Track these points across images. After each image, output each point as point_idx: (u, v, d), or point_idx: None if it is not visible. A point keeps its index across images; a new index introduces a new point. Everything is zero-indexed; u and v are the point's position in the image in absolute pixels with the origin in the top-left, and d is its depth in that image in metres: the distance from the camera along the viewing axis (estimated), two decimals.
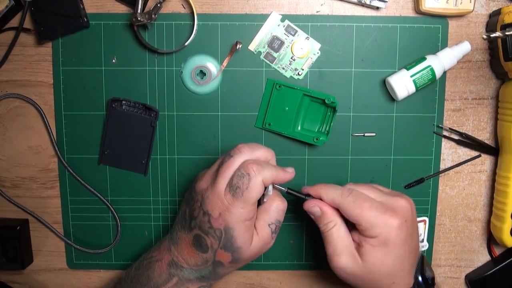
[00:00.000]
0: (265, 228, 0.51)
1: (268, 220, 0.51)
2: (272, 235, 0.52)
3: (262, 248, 0.51)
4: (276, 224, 0.52)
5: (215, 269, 0.51)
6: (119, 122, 0.63)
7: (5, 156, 0.66)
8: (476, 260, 0.68)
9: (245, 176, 0.47)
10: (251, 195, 0.47)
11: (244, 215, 0.48)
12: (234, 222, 0.48)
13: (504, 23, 0.57)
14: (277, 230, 0.52)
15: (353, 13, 0.62)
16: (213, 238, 0.49)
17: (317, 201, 0.51)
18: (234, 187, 0.48)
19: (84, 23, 0.61)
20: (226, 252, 0.49)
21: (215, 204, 0.48)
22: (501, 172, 0.62)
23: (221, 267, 0.51)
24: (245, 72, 0.63)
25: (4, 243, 0.65)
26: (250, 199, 0.47)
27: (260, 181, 0.48)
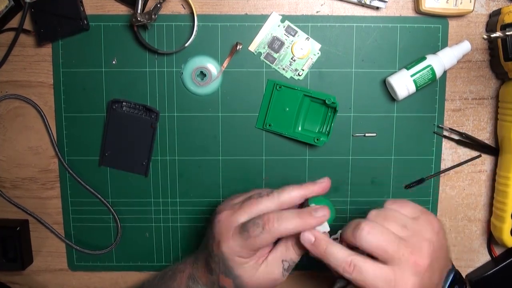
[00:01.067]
0: (278, 262, 0.49)
1: (284, 256, 0.49)
2: (284, 273, 0.49)
3: (269, 280, 0.49)
4: (290, 264, 0.49)
5: None
6: (119, 123, 0.63)
7: (5, 157, 0.66)
8: (476, 260, 0.68)
9: (259, 227, 0.46)
10: (254, 244, 0.46)
11: (239, 253, 0.47)
12: (227, 254, 0.47)
13: (504, 23, 0.57)
14: (289, 269, 0.49)
15: (353, 13, 0.62)
16: (214, 263, 0.49)
17: None
18: (244, 228, 0.47)
19: (84, 26, 0.60)
20: (227, 278, 0.49)
21: (222, 231, 0.48)
22: (501, 172, 0.62)
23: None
24: (245, 73, 0.63)
25: (4, 243, 0.65)
26: (251, 246, 0.47)
27: (274, 237, 0.46)
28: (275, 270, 0.49)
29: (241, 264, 0.48)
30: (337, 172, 0.65)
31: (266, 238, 0.46)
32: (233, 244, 0.47)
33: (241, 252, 0.47)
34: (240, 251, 0.47)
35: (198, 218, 0.66)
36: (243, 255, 0.47)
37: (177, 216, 0.66)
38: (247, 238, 0.46)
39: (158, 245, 0.67)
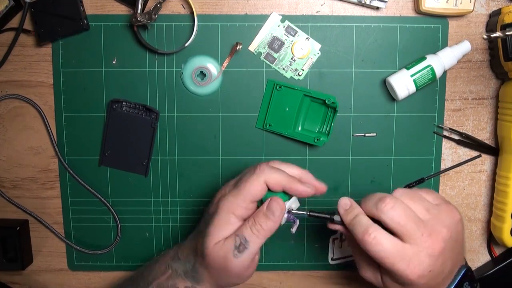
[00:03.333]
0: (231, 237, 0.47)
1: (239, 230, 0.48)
2: (234, 252, 0.47)
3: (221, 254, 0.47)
4: (241, 240, 0.47)
5: (195, 262, 0.51)
6: (119, 123, 0.63)
7: (5, 157, 0.66)
8: (476, 260, 0.68)
9: (250, 171, 0.48)
10: (246, 188, 0.47)
11: (233, 206, 0.48)
12: (221, 208, 0.48)
13: (504, 23, 0.57)
14: (240, 249, 0.47)
15: (353, 13, 0.62)
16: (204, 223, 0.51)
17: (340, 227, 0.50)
18: (238, 181, 0.49)
19: (84, 26, 0.60)
20: (201, 237, 0.49)
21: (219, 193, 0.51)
22: (501, 172, 0.62)
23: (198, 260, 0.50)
24: (245, 73, 0.63)
25: (4, 243, 0.65)
26: (243, 191, 0.47)
27: (261, 180, 0.47)
28: (228, 247, 0.47)
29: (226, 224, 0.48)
30: (337, 172, 0.65)
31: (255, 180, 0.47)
32: (228, 196, 0.48)
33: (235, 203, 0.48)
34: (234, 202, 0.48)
35: (198, 218, 0.66)
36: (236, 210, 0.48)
37: (177, 216, 0.66)
38: (239, 184, 0.48)
39: (158, 245, 0.67)
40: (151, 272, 0.54)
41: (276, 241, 0.67)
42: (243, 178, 0.49)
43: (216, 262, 0.48)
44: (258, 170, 0.48)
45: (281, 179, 0.48)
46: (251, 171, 0.49)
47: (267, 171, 0.48)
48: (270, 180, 0.48)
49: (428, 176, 0.65)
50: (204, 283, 0.51)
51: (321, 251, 0.67)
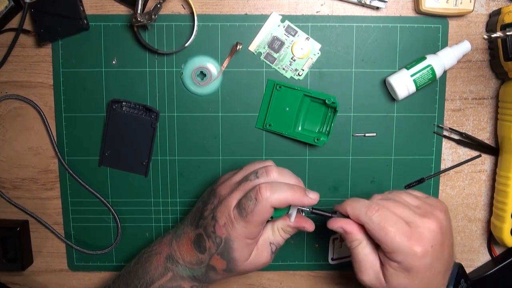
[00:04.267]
0: (266, 245, 0.51)
1: (271, 239, 0.52)
2: (271, 255, 0.52)
3: (258, 264, 0.51)
4: (276, 247, 0.52)
5: (208, 273, 0.51)
6: (119, 123, 0.63)
7: (5, 157, 0.66)
8: (476, 260, 0.68)
9: (252, 199, 0.47)
10: (254, 219, 0.47)
11: (246, 234, 0.48)
12: (234, 236, 0.48)
13: (504, 23, 0.57)
14: (276, 251, 0.52)
15: (353, 13, 0.62)
16: (212, 243, 0.49)
17: (340, 221, 0.50)
18: (240, 207, 0.47)
19: (84, 25, 0.61)
20: (222, 259, 0.49)
21: (223, 214, 0.49)
22: (501, 172, 0.63)
23: (213, 272, 0.51)
24: (245, 73, 0.63)
25: (4, 244, 0.65)
26: (252, 222, 0.47)
27: (268, 206, 0.47)
28: (264, 253, 0.51)
29: (245, 246, 0.49)
30: (337, 172, 0.65)
31: (262, 208, 0.47)
32: (238, 226, 0.48)
33: (246, 232, 0.48)
34: (247, 231, 0.48)
35: None
36: (249, 235, 0.48)
37: (177, 216, 0.66)
38: (246, 215, 0.47)
39: None
40: (147, 273, 0.53)
41: None
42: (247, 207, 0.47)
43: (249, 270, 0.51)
44: (260, 198, 0.46)
45: (285, 197, 0.47)
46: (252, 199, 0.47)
47: (270, 196, 0.47)
48: (275, 203, 0.47)
49: (428, 176, 0.65)
50: (215, 282, 0.53)
51: (321, 251, 0.67)
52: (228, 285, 0.68)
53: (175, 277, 0.52)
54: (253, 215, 0.47)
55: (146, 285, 0.53)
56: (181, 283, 0.52)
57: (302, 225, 0.51)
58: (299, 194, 0.48)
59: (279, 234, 0.52)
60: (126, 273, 0.56)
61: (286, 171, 0.50)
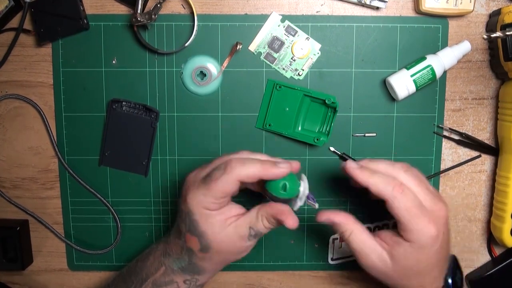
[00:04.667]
0: (245, 227, 0.50)
1: (253, 223, 0.50)
2: (249, 238, 0.50)
3: (234, 242, 0.50)
4: (256, 233, 0.50)
5: (191, 259, 0.51)
6: (119, 123, 0.63)
7: (5, 157, 0.66)
8: (476, 260, 0.68)
9: (221, 169, 0.47)
10: (217, 187, 0.47)
11: (204, 203, 0.48)
12: (193, 206, 0.48)
13: (504, 23, 0.57)
14: (256, 237, 0.51)
15: (353, 13, 0.62)
16: (182, 222, 0.50)
17: (327, 213, 0.50)
18: (207, 176, 0.48)
19: (84, 25, 0.61)
20: (192, 235, 0.49)
21: (186, 188, 0.50)
22: (501, 172, 0.62)
23: (194, 257, 0.51)
24: (245, 73, 0.63)
25: (4, 243, 0.65)
26: (213, 190, 0.47)
27: (234, 178, 0.47)
28: (241, 234, 0.49)
29: (207, 217, 0.48)
30: (337, 173, 0.65)
31: (227, 179, 0.47)
32: (197, 193, 0.48)
33: (206, 201, 0.48)
34: (205, 200, 0.48)
35: None
36: (208, 205, 0.48)
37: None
38: (209, 182, 0.47)
39: None
40: (143, 269, 0.54)
41: (276, 241, 0.67)
42: (213, 175, 0.48)
43: (228, 245, 0.50)
44: (229, 169, 0.47)
45: (254, 171, 0.47)
46: (221, 169, 0.48)
47: (238, 168, 0.47)
48: (243, 176, 0.47)
49: (428, 176, 0.65)
50: (204, 272, 0.52)
51: (321, 251, 0.67)
52: (228, 285, 0.68)
53: (167, 271, 0.52)
54: (217, 183, 0.47)
55: (142, 281, 0.53)
56: (173, 277, 0.52)
57: (283, 217, 0.48)
58: (268, 166, 0.47)
59: (261, 222, 0.50)
60: (126, 270, 0.56)
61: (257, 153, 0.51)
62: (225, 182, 0.47)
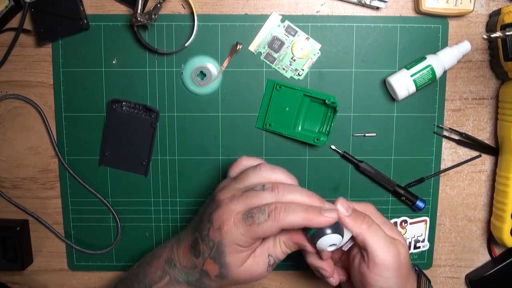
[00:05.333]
0: (264, 256, 0.49)
1: (271, 250, 0.50)
2: (268, 268, 0.50)
3: (253, 274, 0.49)
4: (275, 260, 0.50)
5: (202, 278, 0.50)
6: (119, 123, 0.63)
7: (5, 157, 0.66)
8: (476, 260, 0.68)
9: (264, 214, 0.45)
10: (258, 232, 0.46)
11: (240, 242, 0.47)
12: (227, 240, 0.47)
13: (504, 23, 0.57)
14: (274, 265, 0.50)
15: (353, 13, 0.62)
16: (206, 247, 0.48)
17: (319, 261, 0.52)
18: (249, 215, 0.46)
19: (84, 25, 0.61)
20: (215, 263, 0.48)
21: (221, 217, 0.47)
22: (501, 172, 0.62)
23: (207, 278, 0.50)
24: (245, 73, 0.63)
25: (4, 243, 0.65)
26: (253, 234, 0.46)
27: (277, 227, 0.45)
28: (261, 264, 0.49)
29: (236, 252, 0.48)
30: (337, 172, 0.65)
31: (270, 226, 0.45)
32: (235, 230, 0.46)
33: (241, 239, 0.47)
34: (240, 239, 0.46)
35: None
36: (242, 244, 0.47)
37: (177, 216, 0.66)
38: (251, 224, 0.46)
39: (158, 244, 0.67)
40: (146, 276, 0.53)
41: None
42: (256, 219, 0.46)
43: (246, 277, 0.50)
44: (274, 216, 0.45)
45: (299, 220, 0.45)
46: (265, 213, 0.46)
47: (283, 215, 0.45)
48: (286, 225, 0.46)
49: (428, 176, 0.65)
50: None
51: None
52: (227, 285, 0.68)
53: (171, 282, 0.52)
54: (259, 228, 0.45)
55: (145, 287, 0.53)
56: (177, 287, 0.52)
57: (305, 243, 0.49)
58: (312, 215, 0.46)
59: (279, 247, 0.50)
60: (128, 276, 0.56)
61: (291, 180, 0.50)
62: (267, 228, 0.45)
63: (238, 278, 0.49)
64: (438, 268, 0.68)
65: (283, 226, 0.45)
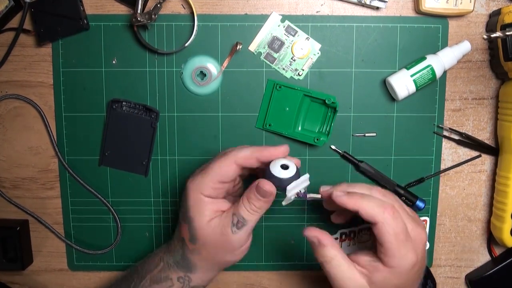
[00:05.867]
0: (228, 216, 0.49)
1: (235, 210, 0.49)
2: (233, 228, 0.49)
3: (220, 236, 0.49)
4: (239, 219, 0.49)
5: (183, 251, 0.52)
6: (119, 123, 0.63)
7: (5, 157, 0.66)
8: (476, 260, 0.68)
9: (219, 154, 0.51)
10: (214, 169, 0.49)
11: (201, 186, 0.49)
12: (190, 190, 0.50)
13: (504, 23, 0.57)
14: (239, 226, 0.49)
15: (353, 13, 0.62)
16: (180, 211, 0.52)
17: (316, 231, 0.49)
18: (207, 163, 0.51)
19: (84, 25, 0.61)
20: (185, 223, 0.51)
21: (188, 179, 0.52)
22: (501, 172, 0.62)
23: (186, 248, 0.51)
24: (245, 73, 0.63)
25: (4, 243, 0.65)
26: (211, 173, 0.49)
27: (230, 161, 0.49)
28: (225, 223, 0.49)
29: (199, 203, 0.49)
30: (337, 172, 0.65)
31: (224, 161, 0.49)
32: (196, 177, 0.50)
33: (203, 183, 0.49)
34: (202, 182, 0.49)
35: None
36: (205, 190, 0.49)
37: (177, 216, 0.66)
38: (207, 166, 0.50)
39: (158, 245, 0.67)
40: (144, 267, 0.54)
41: (276, 241, 0.67)
42: (211, 161, 0.51)
43: (212, 239, 0.50)
44: (227, 152, 0.50)
45: (251, 152, 0.49)
46: (219, 154, 0.51)
47: (236, 151, 0.50)
48: (240, 158, 0.49)
49: (428, 176, 0.65)
50: (196, 269, 0.52)
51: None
52: (228, 285, 0.68)
53: (164, 267, 0.53)
54: (214, 165, 0.49)
55: (141, 278, 0.53)
56: (168, 273, 0.53)
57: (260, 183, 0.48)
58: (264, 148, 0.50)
59: (243, 205, 0.49)
60: (129, 270, 0.57)
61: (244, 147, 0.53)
62: (222, 163, 0.49)
63: (205, 239, 0.50)
64: (438, 268, 0.68)
65: (235, 159, 0.49)
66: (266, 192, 0.48)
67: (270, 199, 0.49)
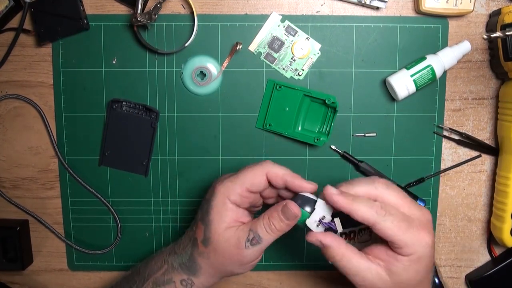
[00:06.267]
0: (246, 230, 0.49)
1: (252, 226, 0.49)
2: (246, 243, 0.49)
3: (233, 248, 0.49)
4: (255, 236, 0.49)
5: (192, 252, 0.51)
6: (119, 123, 0.63)
7: (5, 157, 0.66)
8: (476, 260, 0.68)
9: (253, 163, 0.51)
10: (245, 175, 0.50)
11: (228, 190, 0.49)
12: (217, 190, 0.50)
13: (504, 23, 0.57)
14: (253, 242, 0.49)
15: (353, 13, 0.62)
16: (200, 209, 0.52)
17: (319, 235, 0.49)
18: None
19: (84, 25, 0.61)
20: (202, 224, 0.50)
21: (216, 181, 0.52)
22: (501, 172, 0.62)
23: (196, 249, 0.51)
24: (245, 73, 0.63)
25: (4, 243, 0.65)
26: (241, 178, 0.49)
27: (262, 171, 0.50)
28: (241, 236, 0.49)
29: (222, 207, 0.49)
30: (337, 172, 0.65)
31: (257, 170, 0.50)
32: (226, 180, 0.50)
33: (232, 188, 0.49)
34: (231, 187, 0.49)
35: None
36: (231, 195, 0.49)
37: (177, 216, 0.66)
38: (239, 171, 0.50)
39: (158, 245, 0.67)
40: (147, 268, 0.54)
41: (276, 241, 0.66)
42: (244, 167, 0.51)
43: (224, 246, 0.49)
44: (261, 162, 0.50)
45: (284, 173, 0.49)
46: (251, 164, 0.51)
47: (270, 165, 0.50)
48: (272, 173, 0.49)
49: (428, 176, 0.65)
50: (200, 273, 0.52)
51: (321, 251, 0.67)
52: (228, 285, 0.68)
53: (168, 269, 0.53)
54: (246, 171, 0.50)
55: (144, 281, 0.53)
56: (172, 275, 0.52)
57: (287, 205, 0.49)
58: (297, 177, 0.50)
59: (262, 223, 0.49)
60: (131, 271, 0.57)
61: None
62: (254, 172, 0.49)
63: (218, 245, 0.49)
64: (438, 268, 0.68)
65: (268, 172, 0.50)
66: (291, 215, 0.48)
67: (292, 223, 0.49)
